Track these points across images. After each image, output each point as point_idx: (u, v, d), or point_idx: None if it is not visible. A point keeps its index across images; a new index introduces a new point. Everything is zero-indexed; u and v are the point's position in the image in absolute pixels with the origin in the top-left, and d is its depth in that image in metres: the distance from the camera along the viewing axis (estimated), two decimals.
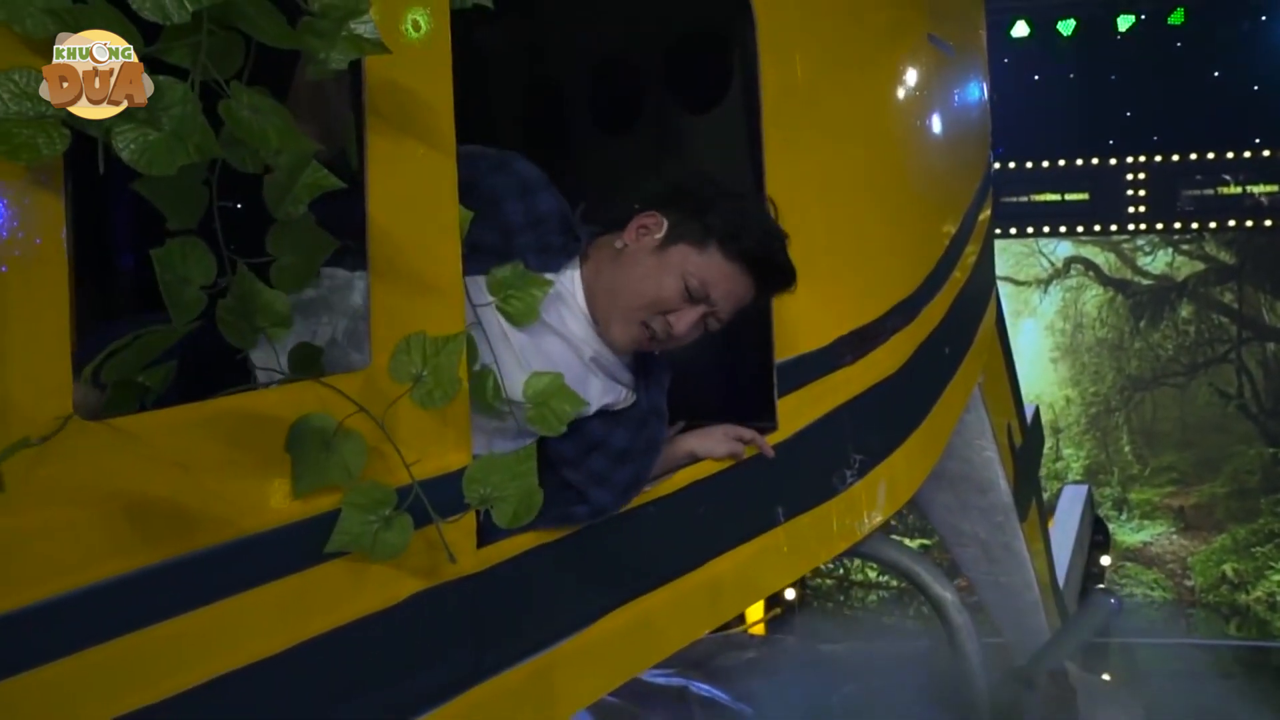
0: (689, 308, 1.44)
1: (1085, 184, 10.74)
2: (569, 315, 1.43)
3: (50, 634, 0.84)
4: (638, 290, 1.43)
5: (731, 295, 1.47)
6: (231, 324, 1.00)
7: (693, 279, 1.43)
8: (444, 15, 1.20)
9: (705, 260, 1.43)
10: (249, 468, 1.00)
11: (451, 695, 1.18)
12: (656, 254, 1.44)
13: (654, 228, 1.45)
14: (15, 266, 0.84)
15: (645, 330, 1.44)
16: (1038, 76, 10.79)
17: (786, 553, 1.74)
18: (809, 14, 1.85)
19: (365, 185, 1.13)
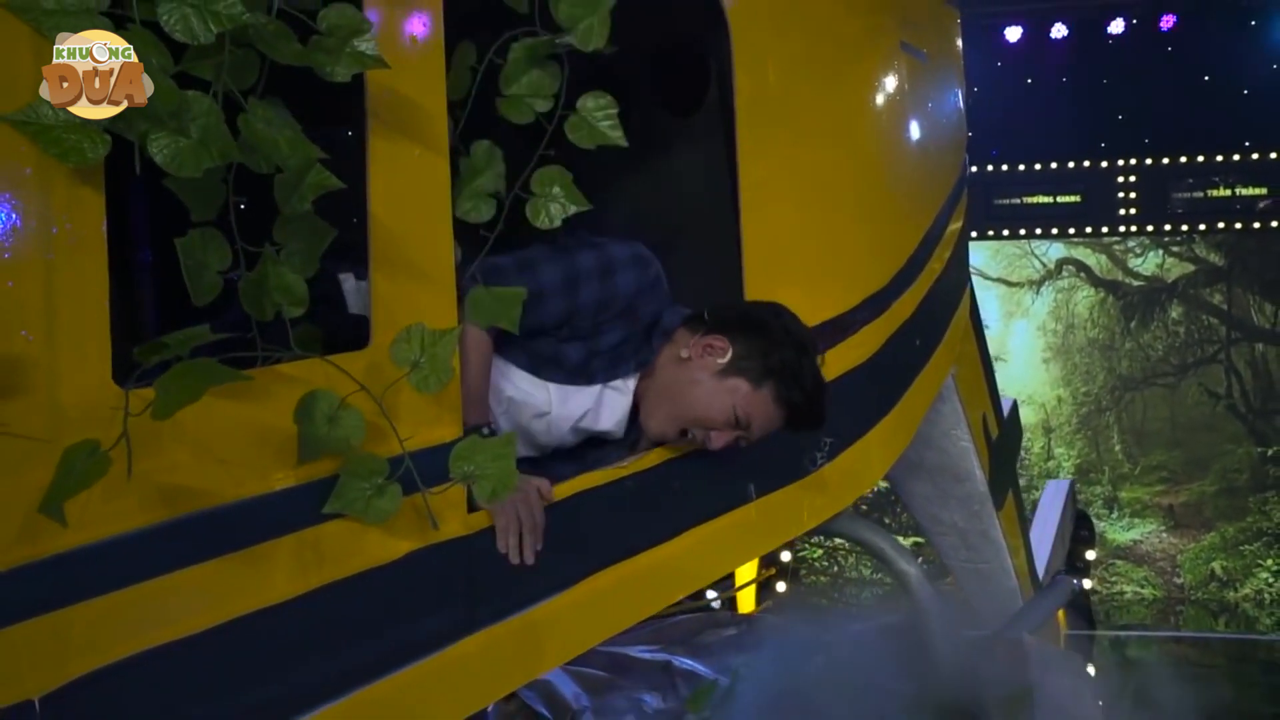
0: (728, 430, 1.60)
1: (1077, 186, 10.85)
2: (610, 404, 1.61)
3: (106, 570, 0.97)
4: (690, 404, 1.60)
5: (768, 429, 1.64)
6: (253, 299, 1.13)
7: (741, 410, 1.59)
8: (439, 30, 1.33)
9: (757, 398, 1.59)
10: (262, 435, 1.13)
11: (446, 644, 1.31)
12: (716, 378, 1.59)
13: (719, 352, 1.60)
14: (62, 254, 0.96)
15: (682, 434, 1.62)
16: (1030, 79, 10.90)
17: (758, 527, 1.87)
18: (781, 25, 1.98)
19: (367, 184, 1.25)
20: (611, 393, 1.60)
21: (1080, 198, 10.81)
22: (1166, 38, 10.43)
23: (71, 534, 0.95)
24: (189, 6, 1.02)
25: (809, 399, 1.62)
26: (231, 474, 1.11)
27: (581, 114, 1.40)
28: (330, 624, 1.20)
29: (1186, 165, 10.59)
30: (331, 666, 1.19)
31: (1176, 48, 10.49)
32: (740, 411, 1.59)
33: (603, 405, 1.60)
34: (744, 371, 1.59)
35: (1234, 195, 10.62)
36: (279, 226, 1.18)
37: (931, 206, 2.69)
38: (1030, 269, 11.54)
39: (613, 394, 1.60)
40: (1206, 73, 10.53)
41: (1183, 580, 10.84)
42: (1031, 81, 10.87)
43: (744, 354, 1.60)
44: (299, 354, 1.18)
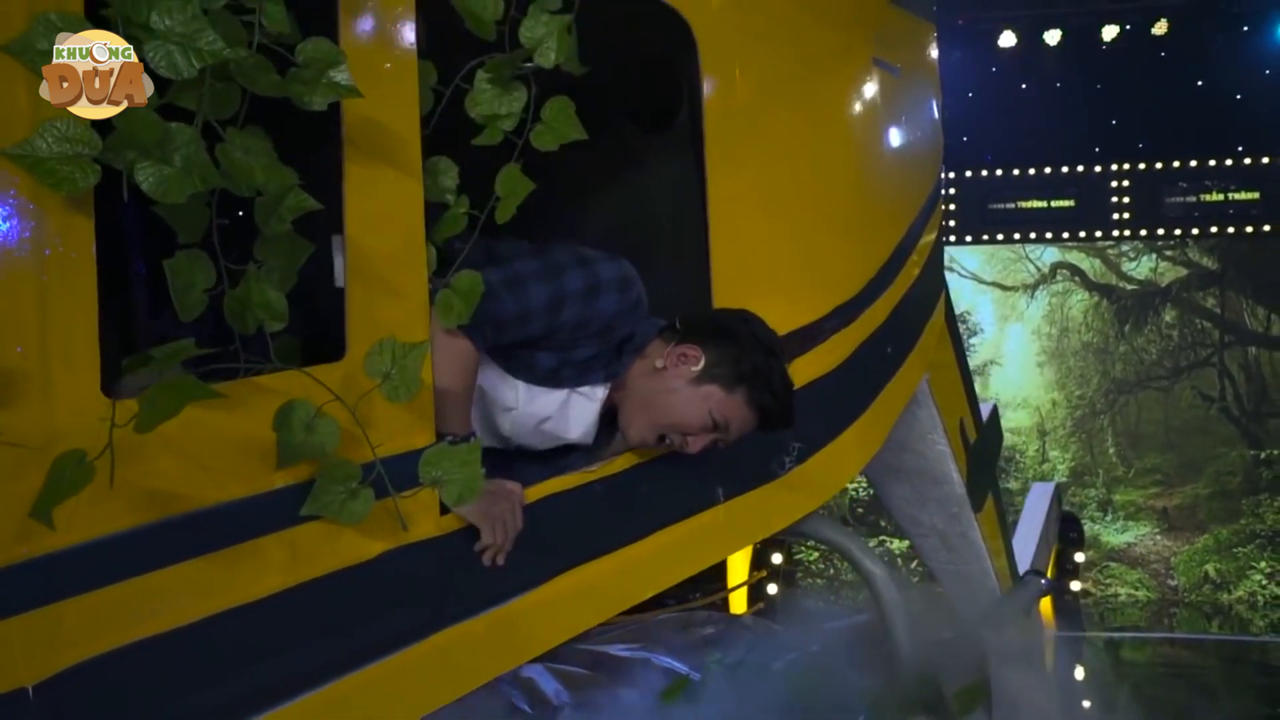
0: (706, 434, 1.69)
1: (1071, 191, 10.92)
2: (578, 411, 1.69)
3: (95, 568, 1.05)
4: (668, 411, 1.68)
5: (742, 430, 1.73)
6: (237, 315, 1.21)
7: (717, 415, 1.68)
8: (412, 57, 1.41)
9: (731, 402, 1.68)
10: (243, 442, 1.21)
11: (418, 638, 1.39)
12: (691, 385, 1.68)
13: (693, 360, 1.68)
14: (55, 275, 1.04)
15: (660, 440, 1.71)
16: (1025, 85, 10.97)
17: (726, 529, 1.95)
18: (750, 45, 2.06)
19: (343, 205, 1.33)
20: (579, 398, 1.68)
21: (1074, 202, 10.89)
22: (1160, 43, 10.50)
23: (62, 535, 1.03)
24: (173, 44, 1.10)
25: (779, 401, 1.71)
26: (214, 478, 1.19)
27: (544, 120, 1.47)
28: (308, 619, 1.27)
29: (1179, 170, 10.66)
30: (310, 659, 1.27)
31: (1170, 53, 10.56)
32: (716, 416, 1.67)
33: (569, 410, 1.67)
34: (717, 378, 1.67)
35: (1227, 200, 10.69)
36: (260, 245, 1.26)
37: (905, 217, 2.76)
38: (1025, 273, 11.62)
39: (580, 399, 1.68)
40: (1200, 78, 10.61)
41: (1177, 582, 10.90)
42: (1026, 87, 10.95)
43: (716, 361, 1.68)
44: (278, 366, 1.26)
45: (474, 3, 1.44)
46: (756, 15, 2.09)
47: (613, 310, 1.64)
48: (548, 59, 1.46)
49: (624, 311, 1.66)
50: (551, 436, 1.70)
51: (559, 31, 1.46)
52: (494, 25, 1.45)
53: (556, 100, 1.49)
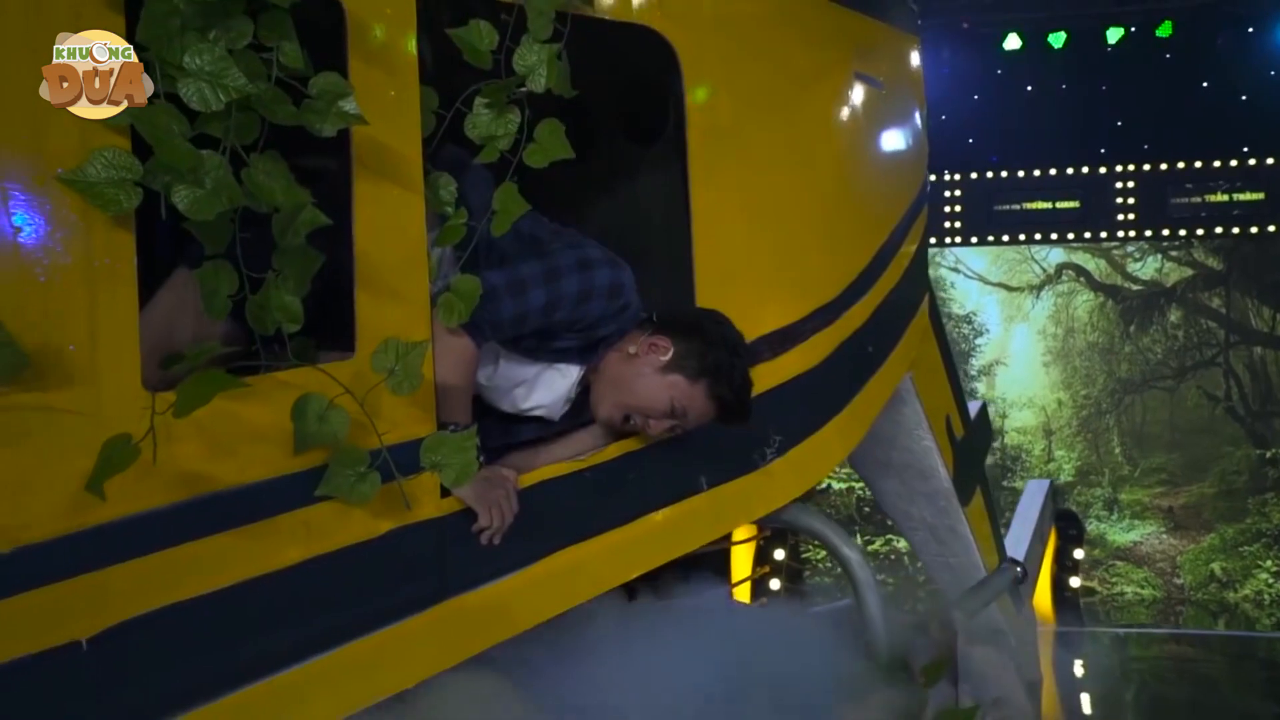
0: (666, 419, 1.84)
1: (1076, 192, 11.00)
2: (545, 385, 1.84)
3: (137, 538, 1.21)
4: (634, 393, 1.83)
5: (700, 420, 1.88)
6: (258, 317, 1.36)
7: (678, 403, 1.83)
8: (414, 86, 1.56)
9: (691, 392, 1.84)
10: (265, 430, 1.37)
11: (420, 609, 1.54)
12: (658, 373, 1.83)
13: (663, 350, 1.83)
14: (102, 284, 1.20)
15: (625, 419, 1.86)
16: (1030, 87, 11.04)
17: (708, 515, 2.09)
18: (731, 64, 2.21)
19: (352, 218, 1.49)
20: (552, 373, 1.82)
21: (1079, 203, 10.97)
22: (1165, 45, 10.56)
23: (111, 508, 1.19)
24: (203, 81, 1.26)
25: (738, 396, 1.86)
26: (239, 462, 1.34)
27: (536, 140, 1.63)
28: (321, 589, 1.43)
29: (1185, 171, 10.72)
30: (322, 624, 1.43)
31: (1175, 55, 10.61)
32: (677, 403, 1.82)
33: (539, 382, 1.82)
34: (682, 368, 1.82)
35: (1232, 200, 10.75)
36: (278, 256, 1.41)
37: (887, 223, 2.90)
38: (1030, 274, 11.73)
39: (553, 374, 1.82)
40: (1205, 79, 10.66)
41: (1183, 581, 10.97)
42: (1031, 89, 11.01)
43: (683, 353, 1.83)
44: (295, 363, 1.41)
45: (470, 35, 1.59)
46: (738, 38, 2.24)
47: (598, 315, 1.79)
48: (538, 84, 1.61)
49: (608, 317, 1.80)
50: (517, 404, 1.84)
51: (549, 59, 1.62)
52: (489, 54, 1.60)
53: (548, 122, 1.64)
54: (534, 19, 1.65)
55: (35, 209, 1.16)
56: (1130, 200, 10.86)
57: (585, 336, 1.81)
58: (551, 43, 1.64)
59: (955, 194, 11.13)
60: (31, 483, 1.14)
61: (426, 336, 1.55)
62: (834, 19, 2.67)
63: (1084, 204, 10.95)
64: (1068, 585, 6.99)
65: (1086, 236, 10.99)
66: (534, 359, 1.83)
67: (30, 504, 1.14)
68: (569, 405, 1.88)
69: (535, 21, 1.65)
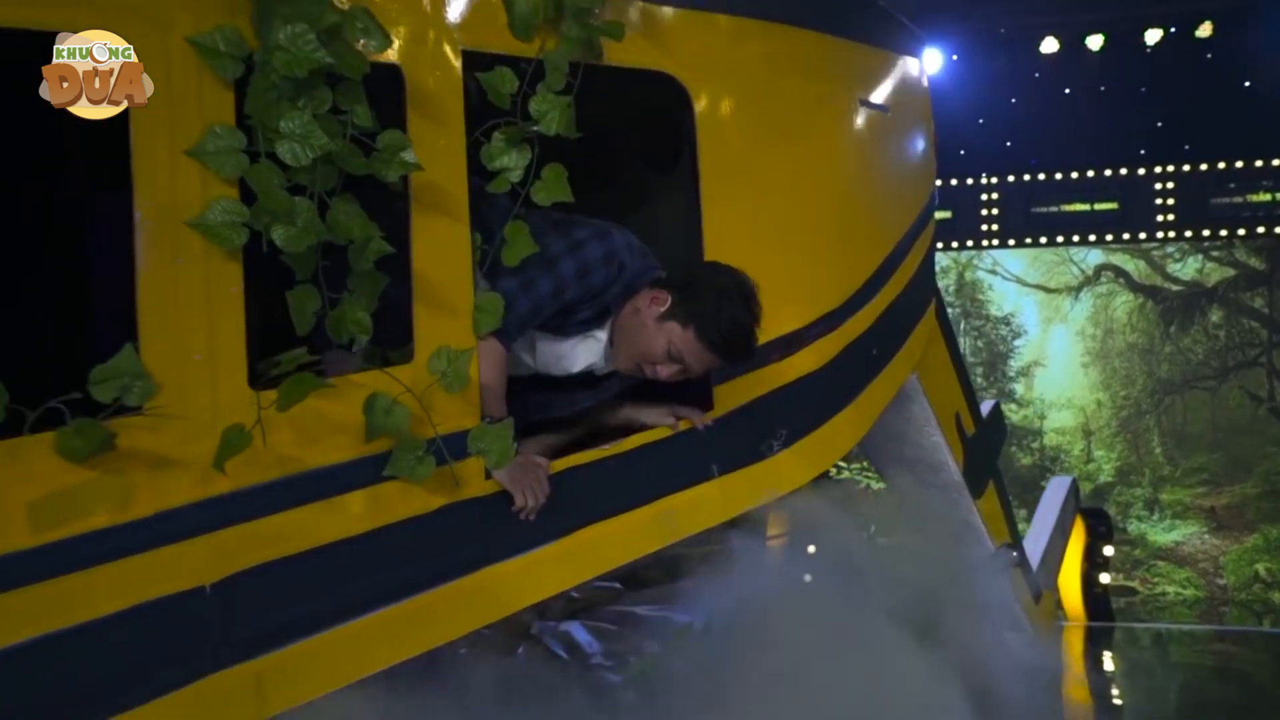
0: (670, 364, 2.12)
1: (1115, 193, 11.03)
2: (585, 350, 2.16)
3: (248, 506, 1.53)
4: (639, 344, 2.12)
5: (700, 362, 2.15)
6: (336, 329, 1.68)
7: (674, 348, 2.11)
8: (460, 135, 1.87)
9: (684, 337, 2.10)
10: (343, 422, 1.68)
11: (467, 572, 1.85)
12: (657, 323, 2.11)
13: (661, 303, 2.12)
14: (219, 305, 1.53)
15: (638, 369, 2.15)
16: (1068, 89, 11.10)
17: (719, 499, 2.38)
18: (737, 98, 2.49)
19: (410, 248, 1.80)
20: (586, 341, 2.14)
21: (1118, 205, 11.02)
22: (1205, 44, 10.56)
23: (229, 482, 1.51)
24: (294, 141, 1.58)
25: (725, 337, 2.09)
26: (322, 447, 1.66)
27: (543, 178, 1.93)
28: (388, 552, 1.75)
29: (1226, 171, 10.73)
30: (388, 581, 1.74)
31: (1216, 54, 10.61)
32: (673, 348, 2.09)
33: (576, 353, 2.14)
34: (675, 316, 2.09)
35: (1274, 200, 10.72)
36: (351, 279, 1.73)
37: (891, 236, 3.16)
38: (1068, 275, 11.79)
39: (588, 342, 2.14)
40: (1245, 79, 10.65)
41: (1225, 581, 10.96)
42: (1069, 91, 11.06)
43: (677, 303, 2.10)
44: (366, 367, 1.73)
45: (495, 79, 1.90)
46: (744, 77, 2.52)
47: (601, 284, 2.09)
48: (549, 128, 1.92)
49: (610, 283, 2.10)
50: (566, 369, 2.16)
51: (561, 108, 1.92)
52: (510, 96, 1.91)
53: (554, 166, 1.95)
54: (551, 72, 1.96)
55: (169, 248, 1.48)
56: (1170, 201, 10.89)
57: (597, 304, 2.12)
58: (564, 94, 1.95)
59: (992, 197, 11.25)
60: (171, 463, 1.47)
61: (473, 344, 1.86)
62: (837, 52, 2.94)
63: (1123, 205, 11.00)
64: (1098, 581, 7.13)
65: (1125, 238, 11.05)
66: (564, 335, 2.13)
67: (170, 479, 1.47)
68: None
69: (552, 75, 1.97)
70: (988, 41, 10.92)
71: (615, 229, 2.15)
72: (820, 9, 2.84)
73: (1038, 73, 11.12)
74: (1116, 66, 10.73)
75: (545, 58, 1.97)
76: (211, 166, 1.53)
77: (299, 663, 1.61)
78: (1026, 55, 10.90)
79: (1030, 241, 11.30)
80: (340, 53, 1.63)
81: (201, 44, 1.52)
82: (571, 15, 1.98)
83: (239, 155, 1.55)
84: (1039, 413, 11.85)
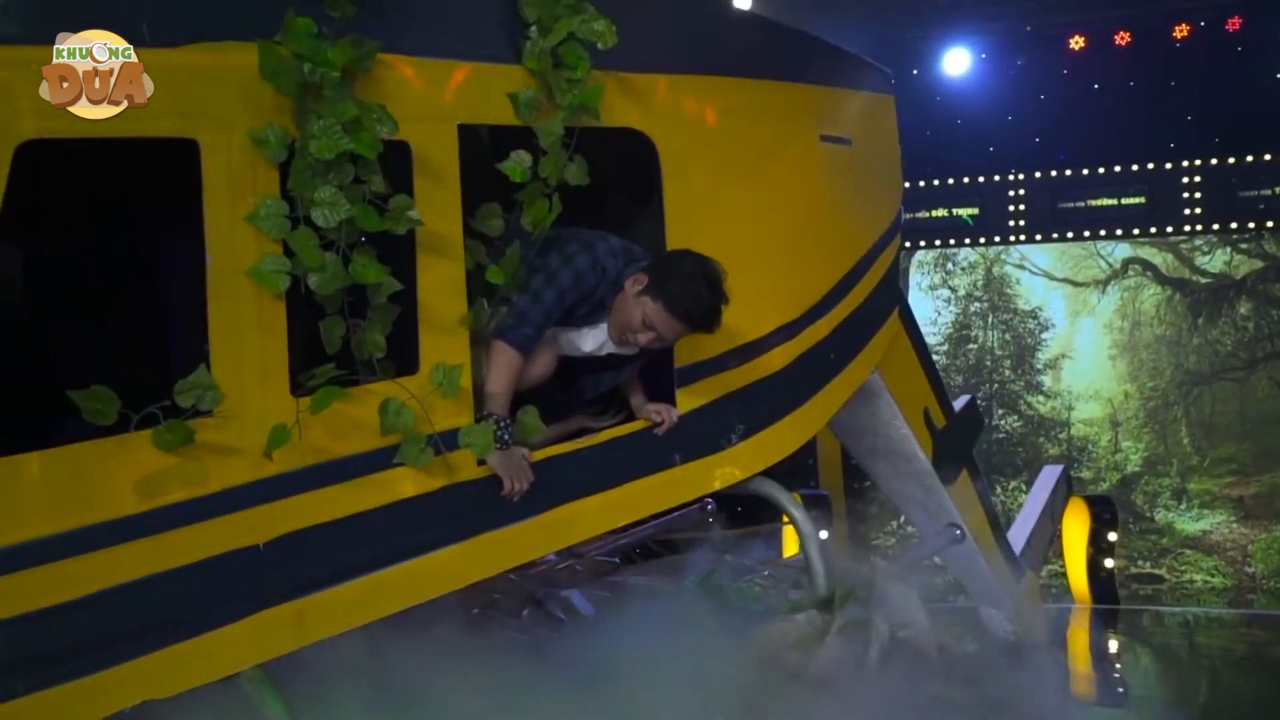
0: (646, 332, 2.63)
1: (1142, 188, 11.14)
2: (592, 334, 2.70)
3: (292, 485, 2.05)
4: (621, 316, 2.65)
5: (670, 331, 2.65)
6: (358, 349, 2.19)
7: (647, 318, 2.62)
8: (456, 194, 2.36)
9: (655, 309, 2.62)
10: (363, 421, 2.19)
11: (463, 539, 2.36)
12: (635, 299, 2.63)
13: (639, 284, 2.64)
14: (268, 334, 2.04)
15: (623, 338, 2.67)
16: (1097, 85, 11.24)
17: (681, 483, 2.86)
18: (698, 148, 2.95)
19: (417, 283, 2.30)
20: (590, 328, 2.67)
21: (1144, 199, 11.15)
22: (1234, 39, 10.63)
23: (274, 467, 2.03)
24: (325, 208, 2.09)
25: (687, 310, 2.59)
26: (346, 441, 2.17)
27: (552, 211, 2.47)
28: (401, 523, 2.25)
29: (1253, 164, 10.81)
30: (398, 544, 2.25)
31: (1245, 48, 10.68)
32: (647, 318, 2.59)
33: (585, 338, 2.68)
34: (648, 291, 2.61)
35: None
36: (369, 310, 2.24)
37: (853, 254, 3.59)
38: (1096, 269, 11.95)
39: (591, 329, 2.67)
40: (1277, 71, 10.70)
41: (1254, 569, 11.09)
42: (1098, 87, 11.20)
43: (651, 282, 2.62)
44: (381, 378, 2.24)
45: (512, 165, 2.41)
46: (705, 127, 2.98)
47: (591, 286, 2.62)
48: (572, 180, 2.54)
49: (597, 285, 2.63)
50: (579, 350, 2.70)
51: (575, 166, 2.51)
52: (526, 170, 2.43)
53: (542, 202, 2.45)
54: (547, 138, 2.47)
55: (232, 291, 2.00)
56: (1197, 195, 10.99)
57: (590, 302, 2.64)
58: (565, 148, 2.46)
59: (1020, 193, 11.47)
60: (233, 452, 1.99)
61: (465, 360, 2.35)
62: (797, 96, 3.38)
63: (1150, 199, 11.13)
64: (1102, 566, 7.44)
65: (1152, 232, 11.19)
66: (575, 326, 2.68)
67: (231, 464, 2.00)
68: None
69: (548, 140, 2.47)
70: (1016, 40, 11.13)
71: (599, 239, 2.69)
72: (778, 60, 3.29)
73: (1066, 69, 11.26)
74: (1145, 62, 10.83)
75: (539, 132, 2.47)
76: (263, 229, 2.04)
77: (329, 603, 2.13)
78: (1054, 53, 11.07)
79: (1057, 236, 11.51)
80: (360, 138, 2.13)
81: (256, 137, 2.03)
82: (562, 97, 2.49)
83: (283, 220, 2.07)
84: (1067, 404, 12.05)
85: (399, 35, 2.26)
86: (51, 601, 1.80)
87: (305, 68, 2.07)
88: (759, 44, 3.27)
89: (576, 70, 2.54)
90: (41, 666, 1.78)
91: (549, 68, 2.52)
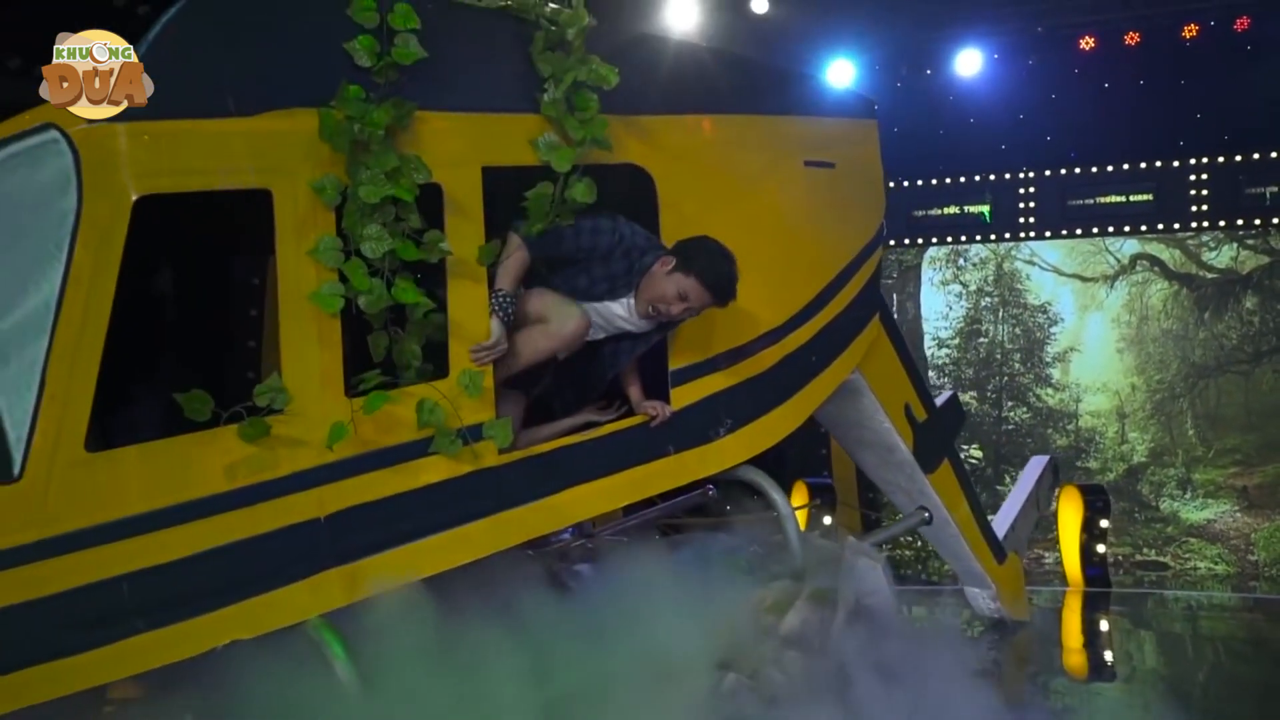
0: (679, 303, 3.08)
1: (1149, 185, 11.35)
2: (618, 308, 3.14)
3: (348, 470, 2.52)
4: (653, 291, 3.10)
5: (699, 300, 3.12)
6: (399, 358, 2.65)
7: (681, 290, 3.08)
8: (479, 226, 2.81)
9: (689, 283, 3.08)
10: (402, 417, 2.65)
11: (486, 516, 2.81)
12: (668, 276, 3.09)
13: (668, 262, 3.10)
14: (327, 347, 2.50)
15: (653, 310, 3.12)
16: (1107, 84, 11.46)
17: (673, 470, 3.29)
18: (691, 177, 3.38)
19: (448, 302, 2.75)
20: (612, 303, 3.12)
21: (1153, 196, 11.37)
22: (1243, 38, 10.82)
23: (334, 455, 2.49)
24: (371, 242, 2.55)
25: (718, 280, 3.09)
26: (390, 433, 2.63)
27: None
28: (435, 501, 2.71)
29: (1260, 161, 11.01)
30: (433, 518, 2.71)
31: (1254, 48, 10.86)
32: (681, 291, 3.05)
33: (610, 308, 3.12)
34: (680, 269, 3.07)
35: None
36: (407, 325, 2.69)
37: (834, 266, 4.01)
38: (1105, 264, 12.22)
39: (613, 304, 3.12)
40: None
41: (1257, 557, 11.35)
42: (1108, 86, 11.41)
43: (680, 262, 3.08)
44: (418, 382, 2.70)
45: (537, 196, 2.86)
46: (697, 160, 3.41)
47: (610, 246, 3.07)
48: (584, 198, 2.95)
49: (613, 248, 3.07)
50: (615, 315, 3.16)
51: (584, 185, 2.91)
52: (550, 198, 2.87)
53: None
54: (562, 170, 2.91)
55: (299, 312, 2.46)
56: (1204, 192, 11.20)
57: (606, 271, 3.10)
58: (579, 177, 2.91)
59: (1030, 190, 11.74)
60: (300, 443, 2.46)
61: (487, 367, 2.80)
62: (783, 128, 3.80)
63: (1157, 197, 11.36)
64: (1095, 551, 7.82)
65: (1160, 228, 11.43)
66: (598, 299, 3.12)
67: (299, 453, 2.47)
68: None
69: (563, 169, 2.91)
70: (1027, 41, 11.39)
71: (621, 219, 3.14)
72: (765, 97, 3.71)
73: (1076, 69, 11.48)
74: (1154, 61, 11.01)
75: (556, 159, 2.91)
76: (322, 260, 2.51)
77: (378, 566, 2.60)
78: (1065, 53, 11.28)
79: (1067, 233, 11.76)
80: (400, 184, 2.58)
81: (316, 186, 2.50)
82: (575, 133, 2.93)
83: (339, 253, 2.53)
84: (1075, 396, 12.36)
85: (433, 94, 2.71)
86: (162, 560, 2.28)
87: (355, 127, 2.53)
88: (747, 84, 3.69)
89: (587, 111, 2.98)
90: (156, 611, 2.26)
91: (564, 113, 2.96)
